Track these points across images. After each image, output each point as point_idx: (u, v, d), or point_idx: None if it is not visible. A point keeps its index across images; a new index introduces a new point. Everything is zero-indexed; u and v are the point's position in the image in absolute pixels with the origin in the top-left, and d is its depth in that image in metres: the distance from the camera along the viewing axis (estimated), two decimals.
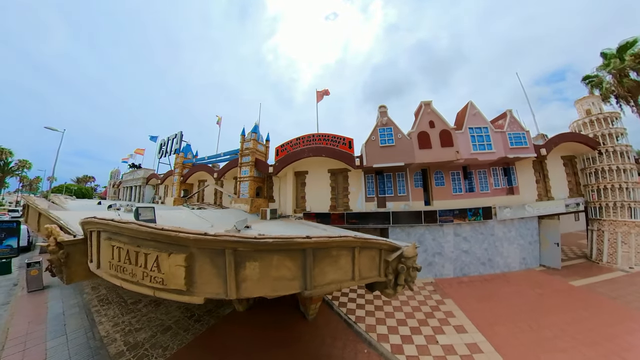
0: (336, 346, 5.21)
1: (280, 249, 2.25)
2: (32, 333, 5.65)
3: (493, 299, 7.14)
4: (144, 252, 2.20)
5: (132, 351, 5.24)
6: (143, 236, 2.21)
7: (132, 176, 21.32)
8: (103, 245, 2.65)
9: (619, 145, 9.74)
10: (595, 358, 4.43)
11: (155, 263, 2.17)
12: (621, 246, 8.76)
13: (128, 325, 6.27)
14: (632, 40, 10.42)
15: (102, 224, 2.61)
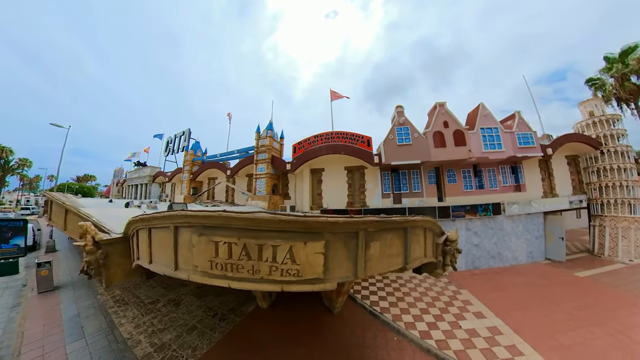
0: (367, 336, 5.53)
1: (394, 228, 2.58)
2: (49, 336, 5.48)
3: (505, 289, 7.75)
4: (270, 244, 2.10)
5: (159, 352, 5.15)
6: (266, 227, 2.09)
7: (138, 174, 21.41)
8: (193, 241, 2.24)
9: (619, 145, 10.45)
10: (602, 335, 5.03)
11: (289, 254, 2.12)
12: (621, 240, 9.50)
13: (150, 326, 6.19)
14: (634, 45, 11.13)
15: (194, 217, 2.24)
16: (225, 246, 2.10)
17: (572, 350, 4.67)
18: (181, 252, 2.21)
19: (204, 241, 2.15)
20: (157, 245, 2.61)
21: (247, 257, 2.10)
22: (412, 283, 8.36)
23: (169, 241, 2.33)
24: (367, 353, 4.85)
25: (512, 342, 5.03)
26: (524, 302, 6.74)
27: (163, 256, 2.54)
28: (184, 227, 2.23)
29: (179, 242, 2.15)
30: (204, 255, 2.18)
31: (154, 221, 2.58)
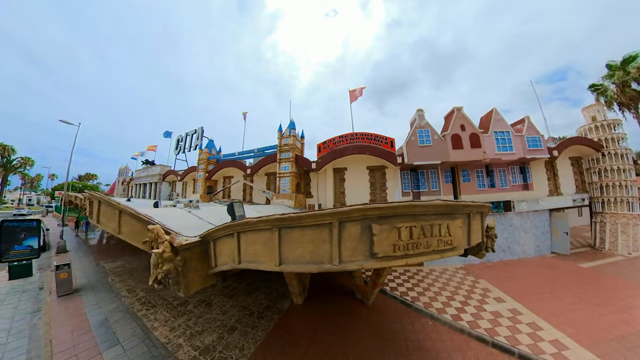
0: (404, 322, 6.20)
1: (479, 211, 3.51)
2: (81, 344, 5.29)
3: (517, 278, 8.73)
4: (437, 223, 2.71)
5: (205, 355, 5.05)
6: (433, 211, 2.70)
7: (146, 173, 21.70)
8: (374, 231, 2.46)
9: (620, 148, 11.57)
10: (607, 313, 6.03)
11: (447, 230, 2.80)
12: (621, 235, 10.63)
13: (187, 328, 6.05)
14: (634, 54, 12.25)
15: (375, 209, 2.47)
16: (407, 230, 2.56)
17: (583, 325, 5.64)
18: (346, 245, 2.43)
19: (387, 229, 2.48)
20: (297, 243, 2.57)
21: (424, 235, 2.68)
22: (432, 276, 9.25)
23: (326, 237, 2.48)
24: (409, 336, 5.61)
25: (532, 320, 5.98)
26: (536, 288, 7.73)
27: (309, 252, 2.56)
28: (348, 221, 2.48)
29: (342, 236, 2.40)
30: (387, 240, 2.49)
31: (307, 219, 2.53)
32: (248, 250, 2.82)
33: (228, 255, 3.20)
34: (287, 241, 2.47)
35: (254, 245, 2.78)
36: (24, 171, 40.88)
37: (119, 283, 9.00)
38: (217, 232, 3.25)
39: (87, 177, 60.24)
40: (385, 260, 2.52)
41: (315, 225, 2.47)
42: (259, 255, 2.64)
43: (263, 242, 2.65)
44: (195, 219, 5.88)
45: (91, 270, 10.46)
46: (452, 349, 5.14)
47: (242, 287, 8.54)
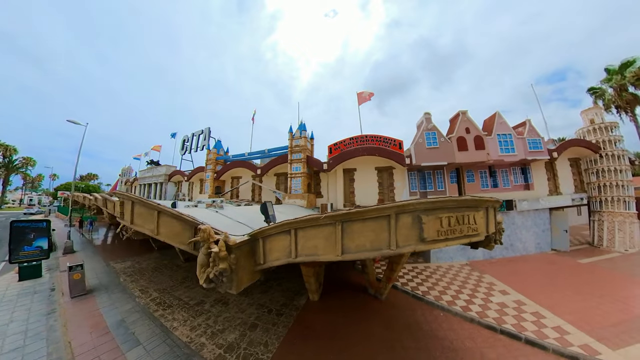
0: (417, 314, 6.65)
1: (494, 206, 4.06)
2: (101, 345, 5.27)
3: (520, 273, 9.28)
4: (467, 214, 3.43)
5: (231, 352, 5.11)
6: (464, 204, 3.43)
7: (152, 173, 22.00)
8: (424, 220, 3.01)
9: (617, 149, 12.19)
10: (605, 302, 6.60)
11: (474, 219, 3.50)
12: (618, 233, 11.25)
13: (207, 327, 6.08)
14: (632, 59, 12.90)
15: (426, 203, 3.09)
16: (447, 219, 3.23)
17: (582, 313, 6.19)
18: (401, 232, 2.98)
19: (432, 219, 3.12)
20: (359, 234, 3.01)
21: (458, 223, 3.35)
22: (440, 272, 9.77)
23: (385, 227, 3.00)
24: (423, 327, 6.08)
25: (535, 310, 6.51)
26: (538, 282, 8.29)
27: (370, 241, 3.04)
28: (402, 213, 3.03)
29: (398, 225, 2.95)
30: (433, 228, 3.11)
31: (371, 213, 3.01)
32: (307, 245, 3.20)
33: (281, 251, 3.51)
34: (348, 233, 2.95)
35: (314, 240, 3.17)
36: (25, 171, 41.25)
37: (131, 283, 9.05)
38: (270, 230, 3.55)
39: (89, 177, 61.21)
40: (432, 243, 3.12)
41: (376, 218, 3.00)
42: (319, 248, 3.08)
43: (324, 236, 3.07)
44: (226, 219, 6.21)
45: (102, 271, 10.52)
46: (464, 337, 5.62)
47: (256, 285, 8.65)
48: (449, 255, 10.84)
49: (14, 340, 5.46)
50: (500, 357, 4.93)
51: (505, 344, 5.34)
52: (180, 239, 4.33)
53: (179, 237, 4.36)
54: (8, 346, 5.24)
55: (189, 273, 10.07)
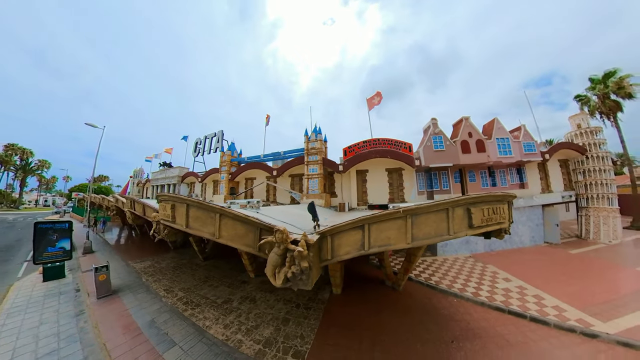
0: (433, 302, 7.17)
1: (510, 200, 4.70)
2: (137, 347, 5.13)
3: (519, 263, 10.16)
4: (498, 206, 4.18)
5: (271, 347, 5.14)
6: (495, 199, 4.13)
7: (164, 174, 22.22)
8: (472, 210, 3.70)
9: (601, 151, 13.25)
10: (592, 285, 7.50)
11: (502, 210, 4.23)
12: (603, 226, 12.30)
13: (240, 324, 6.01)
14: (614, 70, 13.99)
15: (472, 198, 3.80)
16: (487, 210, 4.01)
17: (575, 294, 7.03)
18: (456, 221, 3.67)
19: (478, 210, 3.87)
20: (424, 224, 3.63)
21: (493, 213, 4.11)
22: (447, 264, 10.54)
23: (444, 217, 3.68)
24: (441, 312, 6.63)
25: (535, 293, 7.33)
26: (535, 270, 9.16)
27: (434, 229, 3.67)
28: (457, 206, 3.72)
29: (454, 216, 3.67)
30: (478, 217, 3.88)
31: (434, 207, 3.64)
32: (380, 237, 3.68)
33: (352, 245, 3.84)
34: (417, 224, 3.61)
35: (387, 232, 3.67)
36: (41, 173, 41.69)
37: (154, 283, 8.94)
38: (342, 227, 3.84)
39: (100, 178, 61.97)
40: (477, 229, 3.94)
41: (437, 211, 3.70)
42: (392, 238, 3.66)
43: (397, 228, 3.64)
44: (269, 219, 6.64)
45: (123, 271, 10.49)
46: (479, 318, 6.27)
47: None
48: (453, 248, 11.67)
49: (48, 343, 5.27)
50: (511, 333, 5.56)
51: (513, 322, 6.04)
52: (244, 241, 4.28)
53: (242, 239, 4.30)
54: (42, 350, 5.03)
55: (210, 272, 10.19)
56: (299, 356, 4.91)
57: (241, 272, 9.87)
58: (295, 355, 4.93)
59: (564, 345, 5.11)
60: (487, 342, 5.20)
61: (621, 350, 4.90)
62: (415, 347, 5.09)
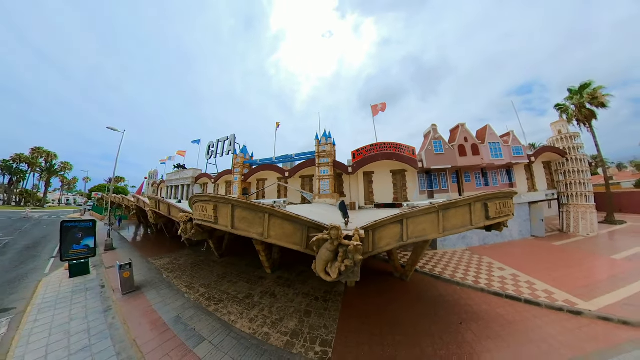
0: (439, 290, 7.61)
1: (512, 196, 5.35)
2: (166, 343, 5.02)
3: (510, 254, 10.92)
4: (506, 201, 4.89)
5: (297, 338, 5.15)
6: (504, 195, 4.80)
7: (179, 176, 22.33)
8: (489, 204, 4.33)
9: (579, 154, 14.27)
10: (574, 272, 8.25)
11: (509, 204, 4.91)
12: (581, 221, 13.26)
13: (265, 318, 6.02)
14: (588, 82, 15.07)
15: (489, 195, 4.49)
16: (499, 204, 4.66)
17: (560, 280, 7.71)
18: (476, 214, 4.40)
19: (493, 204, 4.53)
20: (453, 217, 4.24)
21: (504, 207, 4.78)
22: (447, 256, 11.17)
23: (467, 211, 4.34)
24: (446, 298, 7.07)
25: (527, 279, 8.00)
26: (525, 260, 9.92)
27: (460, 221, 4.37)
28: (477, 202, 4.39)
29: (474, 210, 4.30)
30: (493, 210, 4.58)
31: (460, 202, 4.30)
32: (416, 229, 4.10)
33: (392, 237, 4.19)
34: (447, 217, 4.13)
35: (422, 225, 4.13)
36: (63, 175, 42.72)
37: (175, 280, 8.88)
38: (384, 221, 4.13)
39: (117, 179, 63.62)
40: (492, 220, 4.56)
41: (462, 206, 4.26)
42: (427, 230, 4.13)
43: (430, 221, 4.13)
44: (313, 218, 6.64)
45: (144, 268, 10.41)
46: (480, 302, 6.74)
47: (293, 277, 9.03)
48: (452, 243, 12.38)
49: (80, 339, 5.19)
50: (509, 314, 6.06)
51: (510, 304, 6.59)
52: (292, 240, 4.30)
53: (290, 238, 4.32)
54: (75, 346, 4.95)
55: (227, 268, 10.19)
56: (326, 344, 4.94)
57: (257, 269, 9.93)
58: (322, 344, 4.98)
59: (554, 321, 5.69)
60: (490, 323, 5.71)
61: (601, 323, 5.53)
62: (430, 330, 5.48)
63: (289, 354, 4.71)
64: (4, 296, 7.36)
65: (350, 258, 3.45)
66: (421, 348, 4.74)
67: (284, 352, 4.77)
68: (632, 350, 4.45)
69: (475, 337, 5.09)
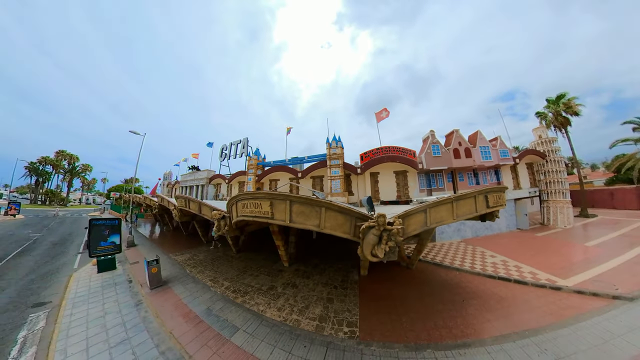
0: (441, 275, 8.26)
1: (505, 190, 6.20)
2: (202, 334, 4.98)
3: (500, 244, 11.91)
4: (501, 194, 5.72)
5: (325, 321, 5.35)
6: (500, 189, 5.68)
7: (193, 177, 22.72)
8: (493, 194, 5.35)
9: (556, 156, 15.51)
10: (554, 257, 9.22)
11: (503, 197, 5.80)
12: (559, 215, 14.46)
13: (291, 306, 6.09)
14: (564, 93, 16.40)
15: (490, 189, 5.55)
16: (496, 196, 5.51)
17: (543, 263, 8.61)
18: (479, 204, 5.27)
19: (491, 196, 5.41)
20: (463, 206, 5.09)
21: (499, 198, 5.76)
22: (445, 248, 12.09)
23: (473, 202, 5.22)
24: (449, 282, 7.74)
25: (515, 264, 8.91)
26: (511, 248, 10.90)
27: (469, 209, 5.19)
28: (480, 195, 5.27)
29: (478, 200, 5.22)
30: (492, 200, 5.42)
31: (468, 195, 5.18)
32: (436, 216, 4.75)
33: (417, 224, 4.73)
34: (458, 206, 4.88)
35: (440, 213, 4.84)
36: (84, 176, 44.52)
37: (199, 274, 8.83)
38: (412, 211, 4.63)
39: (132, 180, 66.86)
40: (491, 208, 5.36)
41: (470, 197, 5.11)
42: (443, 216, 4.84)
43: (446, 210, 4.88)
44: None
45: (166, 263, 10.34)
46: (478, 284, 7.49)
47: (310, 269, 9.27)
48: (448, 235, 13.34)
49: (117, 332, 5.11)
50: (503, 291, 6.83)
51: (502, 284, 7.41)
52: (342, 229, 4.55)
53: (341, 227, 4.56)
54: (113, 339, 4.88)
55: (246, 263, 10.23)
56: (352, 325, 5.20)
57: (274, 262, 10.06)
58: (348, 325, 5.24)
59: (539, 296, 6.53)
60: (487, 299, 6.46)
61: (576, 296, 6.40)
62: (437, 307, 6.09)
63: (320, 336, 4.88)
64: (39, 290, 7.45)
65: (393, 240, 3.96)
66: (433, 321, 5.35)
67: (316, 335, 4.92)
68: (599, 314, 5.32)
69: (476, 310, 5.79)
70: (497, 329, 4.98)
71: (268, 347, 4.59)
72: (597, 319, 5.13)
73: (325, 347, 4.60)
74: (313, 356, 4.38)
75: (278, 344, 4.67)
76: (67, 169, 43.87)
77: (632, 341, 4.40)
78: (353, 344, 4.69)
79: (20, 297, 6.87)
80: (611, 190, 21.04)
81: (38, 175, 42.38)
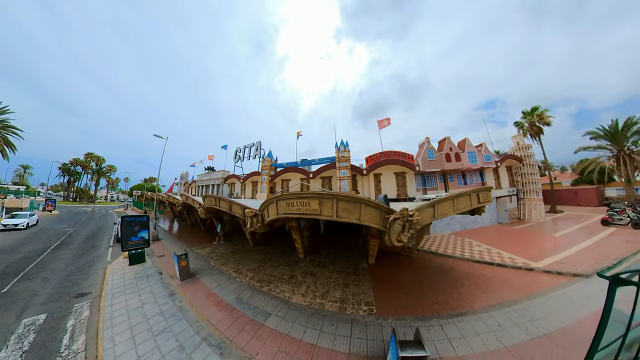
0: (438, 262, 8.83)
1: (491, 189, 7.08)
2: (237, 320, 5.06)
3: (484, 236, 13.10)
4: (488, 193, 6.27)
5: (346, 302, 5.60)
6: (486, 189, 6.27)
7: (209, 177, 23.10)
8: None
9: (531, 161, 16.93)
10: (529, 245, 10.41)
11: (489, 195, 6.38)
12: (533, 211, 15.88)
13: (314, 292, 6.25)
14: (537, 106, 17.84)
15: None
16: (484, 194, 6.29)
17: (521, 251, 9.63)
18: (473, 200, 5.79)
19: (482, 194, 6.04)
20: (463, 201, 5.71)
21: (486, 196, 6.36)
22: (437, 239, 13.16)
23: (468, 198, 5.77)
24: (445, 267, 8.31)
25: (498, 252, 9.97)
26: (494, 239, 12.07)
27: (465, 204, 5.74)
28: (473, 193, 5.93)
29: (472, 197, 5.82)
30: (483, 198, 6.03)
31: (464, 194, 5.70)
32: (441, 210, 5.40)
33: (427, 216, 5.31)
34: (457, 202, 5.77)
35: (444, 207, 5.62)
36: (109, 175, 46.18)
37: (223, 266, 8.85)
38: (424, 206, 5.17)
39: (151, 179, 71.12)
40: (481, 203, 6.29)
41: (465, 195, 5.91)
42: (447, 211, 5.61)
43: (449, 204, 5.71)
44: None
45: (191, 256, 10.09)
46: (468, 268, 8.20)
47: (323, 260, 9.56)
48: (440, 229, 14.45)
49: (157, 321, 5.09)
50: (488, 273, 7.55)
51: (487, 267, 8.11)
52: (375, 221, 4.97)
53: (374, 219, 4.96)
54: (156, 327, 4.86)
55: (264, 255, 10.29)
56: (369, 305, 5.63)
57: (290, 254, 10.20)
58: (366, 304, 5.68)
59: (516, 276, 7.28)
60: (476, 279, 7.17)
61: (545, 275, 7.15)
62: (437, 286, 6.76)
63: (344, 315, 5.24)
64: (79, 281, 7.51)
65: (413, 228, 4.65)
66: (434, 298, 6.04)
67: (340, 315, 5.27)
68: (563, 288, 6.32)
69: (468, 288, 6.55)
70: (485, 301, 5.74)
71: (300, 327, 4.81)
72: (561, 291, 6.00)
73: (350, 323, 4.97)
74: (341, 331, 4.71)
75: (309, 324, 4.90)
76: (94, 170, 46.97)
77: (587, 306, 5.43)
78: (373, 319, 5.14)
79: (63, 288, 6.96)
80: (576, 190, 22.87)
81: (70, 175, 45.66)
